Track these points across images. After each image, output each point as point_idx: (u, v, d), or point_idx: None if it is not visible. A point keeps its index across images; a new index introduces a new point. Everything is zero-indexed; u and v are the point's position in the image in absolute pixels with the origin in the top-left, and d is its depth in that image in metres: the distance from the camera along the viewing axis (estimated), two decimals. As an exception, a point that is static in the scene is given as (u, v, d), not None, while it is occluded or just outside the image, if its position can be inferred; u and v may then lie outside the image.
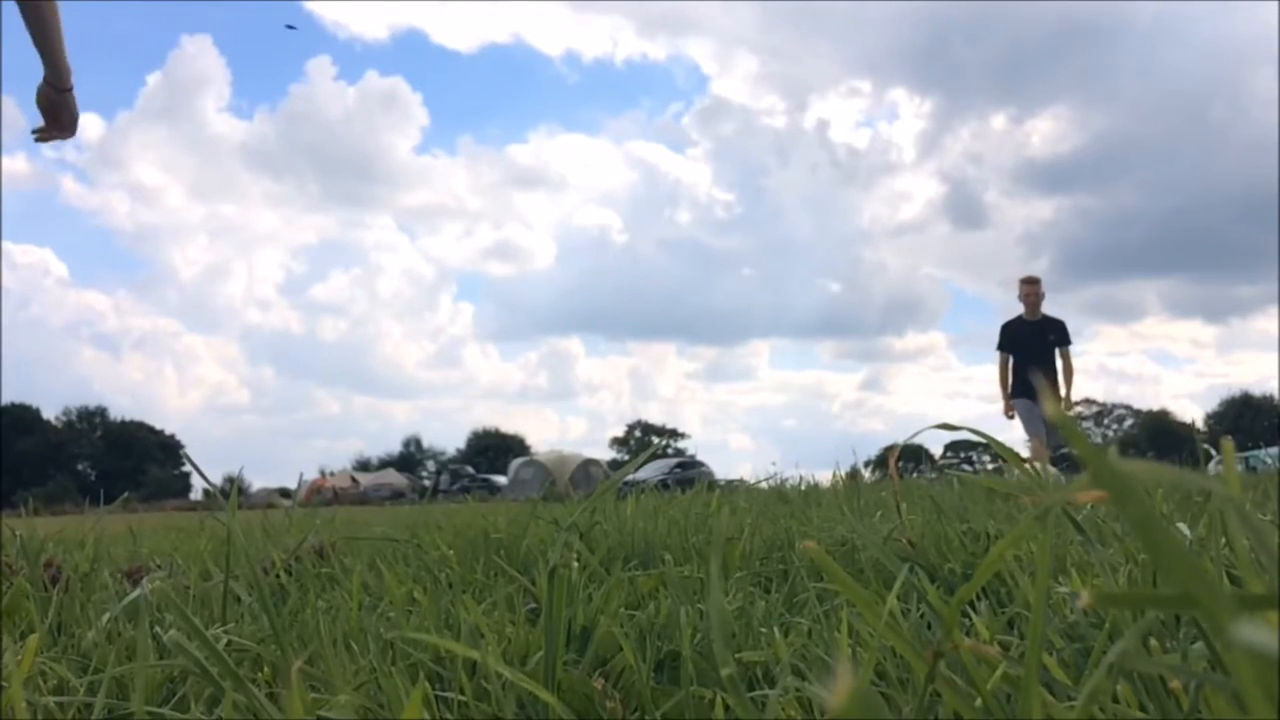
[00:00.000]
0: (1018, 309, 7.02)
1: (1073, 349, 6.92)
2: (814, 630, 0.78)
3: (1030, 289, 7.00)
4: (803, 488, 2.93)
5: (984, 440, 0.74)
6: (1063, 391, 6.88)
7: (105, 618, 0.89)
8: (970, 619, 0.74)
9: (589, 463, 32.73)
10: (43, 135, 2.54)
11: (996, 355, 7.03)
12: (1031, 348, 6.93)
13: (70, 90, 2.51)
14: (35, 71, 2.57)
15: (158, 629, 0.82)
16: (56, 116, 2.50)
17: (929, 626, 0.78)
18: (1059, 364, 6.93)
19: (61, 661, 0.77)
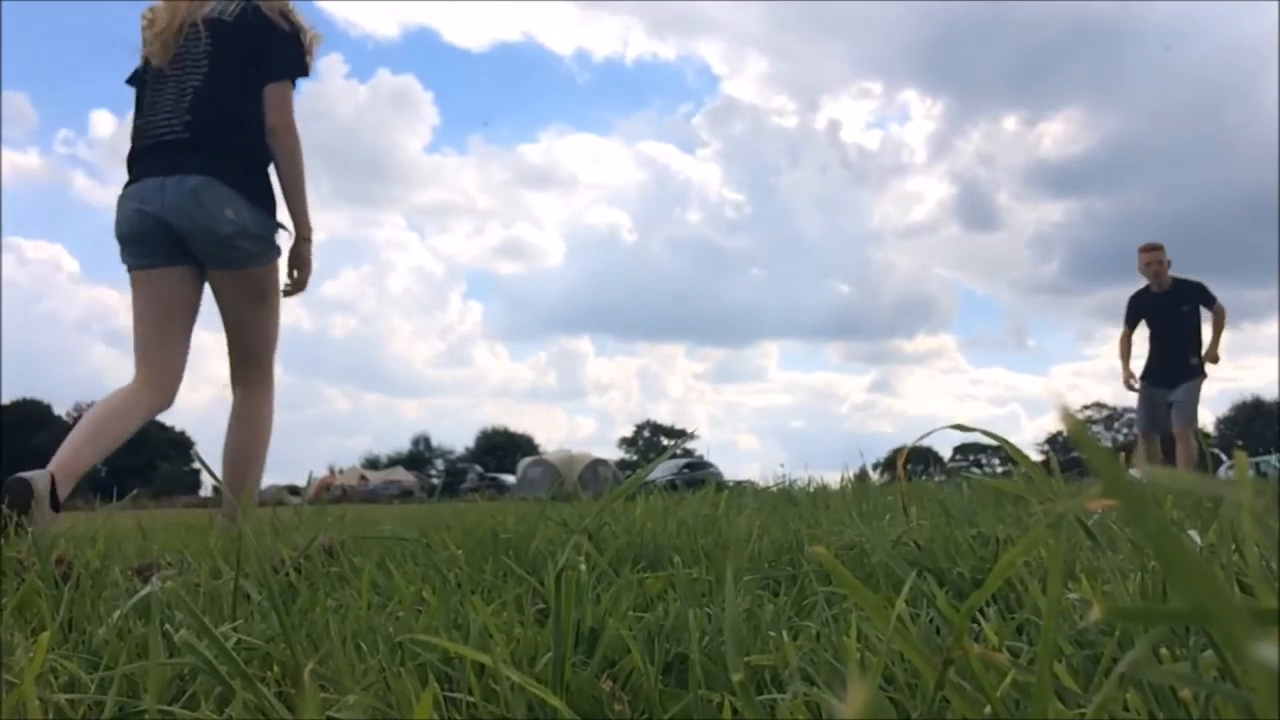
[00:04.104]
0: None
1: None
2: (823, 634, 0.78)
3: (1150, 257, 6.52)
4: (811, 490, 2.92)
5: (995, 443, 0.74)
6: (1210, 353, 6.40)
7: (116, 615, 0.89)
8: (979, 625, 0.74)
9: (597, 463, 32.77)
10: (292, 289, 3.13)
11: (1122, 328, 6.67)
12: (1162, 321, 6.51)
13: (309, 240, 3.09)
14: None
15: (168, 626, 0.82)
16: (301, 265, 3.09)
17: (938, 632, 0.78)
18: (1205, 329, 6.45)
19: (73, 658, 0.77)
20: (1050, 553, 0.44)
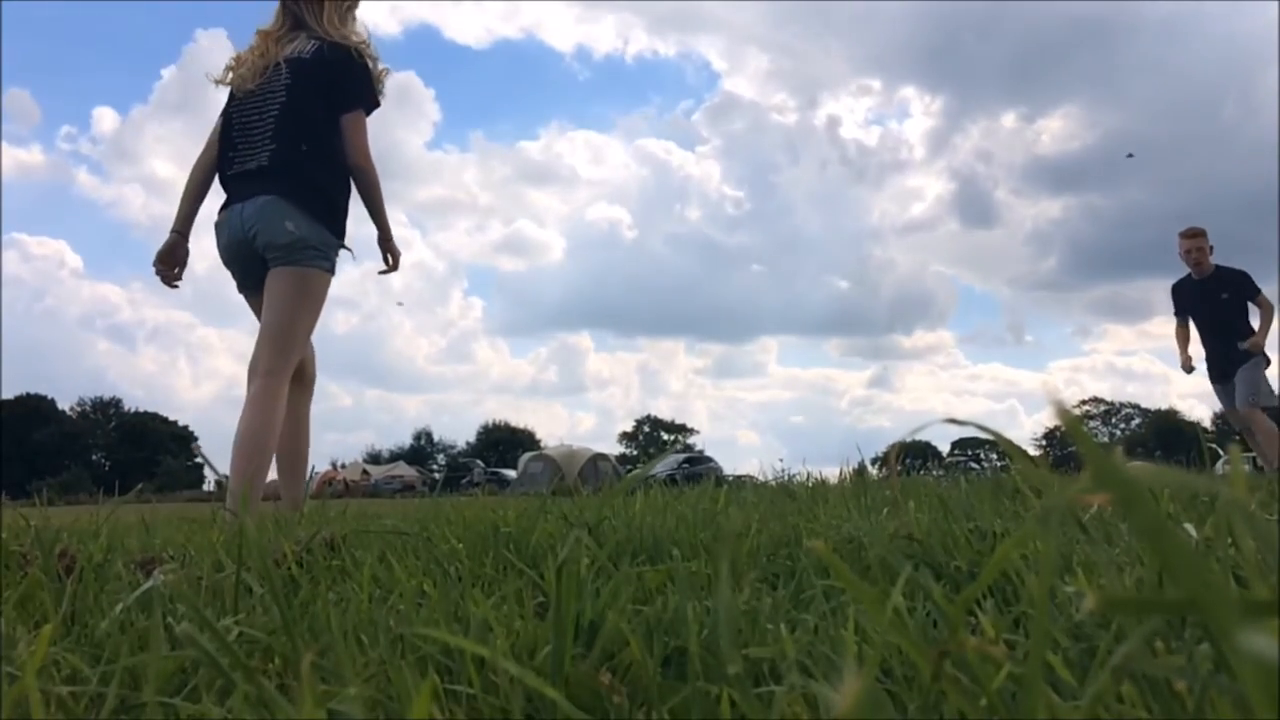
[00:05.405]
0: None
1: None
2: (820, 627, 0.78)
3: (1190, 244, 6.28)
4: (810, 484, 2.93)
5: (990, 437, 0.74)
6: (1255, 340, 6.08)
7: (118, 608, 0.89)
8: (976, 617, 0.74)
9: (598, 457, 32.76)
10: (387, 270, 3.70)
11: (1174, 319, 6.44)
12: (1202, 310, 6.29)
13: (390, 239, 3.64)
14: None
15: (170, 620, 0.83)
16: (391, 251, 3.64)
17: (935, 625, 0.78)
18: (1254, 318, 6.18)
19: (75, 651, 0.78)
20: (1044, 546, 0.45)
